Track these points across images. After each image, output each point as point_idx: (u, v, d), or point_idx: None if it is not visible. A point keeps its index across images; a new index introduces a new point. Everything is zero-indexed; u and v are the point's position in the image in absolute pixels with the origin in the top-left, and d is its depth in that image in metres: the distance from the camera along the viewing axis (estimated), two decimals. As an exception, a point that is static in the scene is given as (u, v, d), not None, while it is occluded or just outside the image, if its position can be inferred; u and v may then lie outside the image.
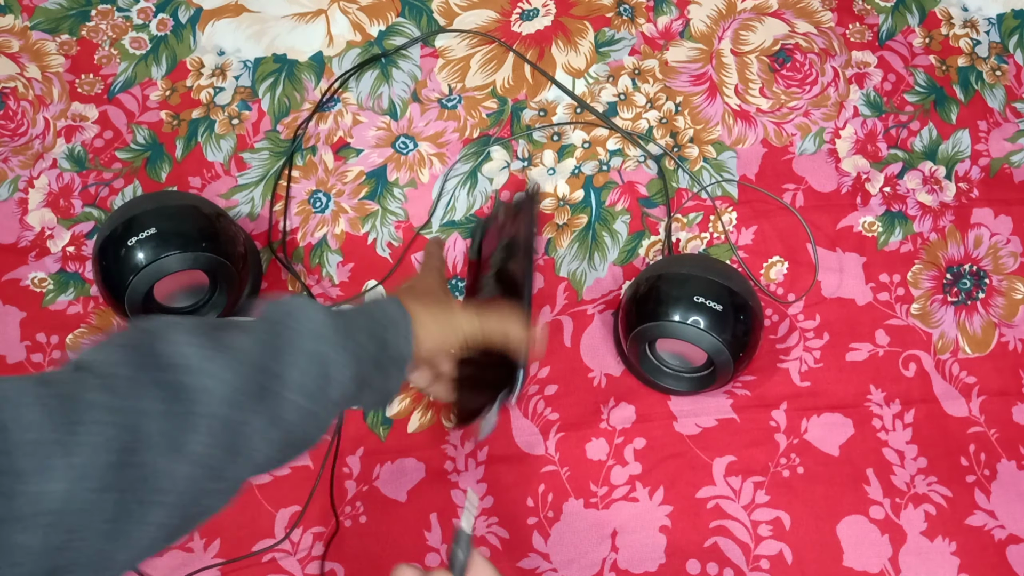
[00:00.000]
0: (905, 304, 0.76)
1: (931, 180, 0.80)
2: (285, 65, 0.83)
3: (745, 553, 0.68)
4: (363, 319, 0.49)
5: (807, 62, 0.83)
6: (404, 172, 0.79)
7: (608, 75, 0.83)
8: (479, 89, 0.82)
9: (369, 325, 0.48)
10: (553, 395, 0.72)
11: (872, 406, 0.72)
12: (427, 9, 0.85)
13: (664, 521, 0.69)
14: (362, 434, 0.71)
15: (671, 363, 0.69)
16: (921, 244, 0.78)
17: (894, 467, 0.70)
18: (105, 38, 0.84)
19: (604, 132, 0.80)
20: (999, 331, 0.75)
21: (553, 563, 0.68)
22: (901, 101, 0.82)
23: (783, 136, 0.81)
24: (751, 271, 0.76)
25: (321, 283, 0.75)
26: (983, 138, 0.81)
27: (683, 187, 0.79)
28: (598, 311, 0.75)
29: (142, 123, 0.80)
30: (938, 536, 0.69)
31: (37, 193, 0.78)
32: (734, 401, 0.72)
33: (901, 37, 0.85)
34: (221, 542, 0.68)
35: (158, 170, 0.79)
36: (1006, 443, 0.71)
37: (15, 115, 0.81)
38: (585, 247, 0.77)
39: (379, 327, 0.49)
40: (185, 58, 0.83)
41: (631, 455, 0.70)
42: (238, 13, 0.85)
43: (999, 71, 0.84)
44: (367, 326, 0.48)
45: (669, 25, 0.85)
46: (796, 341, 0.74)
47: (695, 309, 0.64)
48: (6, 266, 0.75)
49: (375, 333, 0.48)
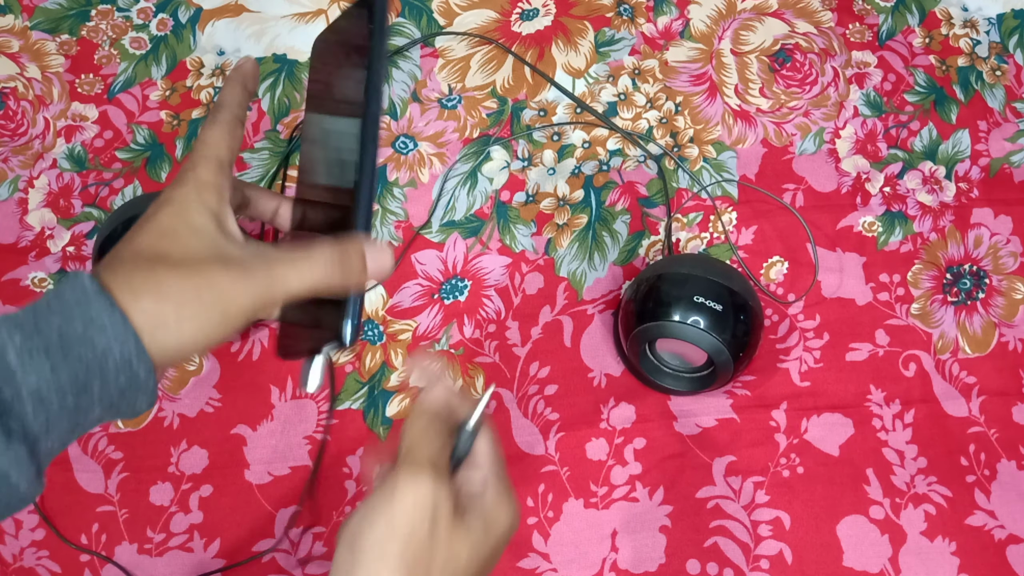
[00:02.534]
0: (905, 304, 0.76)
1: (931, 180, 0.80)
2: (285, 65, 0.83)
3: (745, 553, 0.68)
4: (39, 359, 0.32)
5: (807, 62, 0.83)
6: (404, 172, 0.79)
7: (608, 75, 0.83)
8: (479, 89, 0.82)
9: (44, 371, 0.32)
10: (553, 395, 0.72)
11: (872, 406, 0.72)
12: (427, 9, 0.85)
13: (664, 521, 0.69)
14: (362, 434, 0.71)
15: (671, 363, 0.69)
16: (921, 244, 0.78)
17: (894, 467, 0.71)
18: (105, 38, 0.84)
19: (604, 132, 0.80)
20: (999, 331, 0.75)
21: (553, 563, 0.68)
22: (901, 101, 0.82)
23: (783, 136, 0.81)
24: (751, 271, 0.76)
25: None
26: (983, 138, 0.81)
27: (683, 187, 0.79)
28: (598, 311, 0.75)
29: (142, 123, 0.80)
30: (938, 536, 0.69)
31: (37, 193, 0.78)
32: (734, 401, 0.72)
33: (901, 37, 0.85)
34: (221, 542, 0.68)
35: (158, 170, 0.79)
36: (1006, 443, 0.71)
37: (15, 115, 0.81)
38: (585, 247, 0.77)
39: (60, 360, 0.32)
40: (185, 58, 0.83)
41: (631, 455, 0.70)
42: (238, 13, 0.85)
43: (999, 71, 0.84)
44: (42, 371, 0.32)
45: (669, 25, 0.85)
46: (796, 341, 0.74)
47: (695, 309, 0.64)
48: (6, 266, 0.75)
49: (60, 382, 0.32)
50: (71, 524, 0.69)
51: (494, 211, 0.78)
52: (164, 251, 0.36)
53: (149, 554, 0.68)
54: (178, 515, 0.69)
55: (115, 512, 0.69)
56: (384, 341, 0.74)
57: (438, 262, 0.76)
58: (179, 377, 0.72)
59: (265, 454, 0.70)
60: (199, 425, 0.71)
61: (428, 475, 0.39)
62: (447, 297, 0.75)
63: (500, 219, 0.77)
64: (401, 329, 0.74)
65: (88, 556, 0.68)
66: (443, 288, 0.75)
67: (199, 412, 0.71)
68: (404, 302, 0.75)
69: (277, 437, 0.71)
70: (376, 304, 0.75)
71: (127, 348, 0.33)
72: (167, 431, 0.71)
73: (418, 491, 0.38)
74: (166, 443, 0.71)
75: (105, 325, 0.33)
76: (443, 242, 0.77)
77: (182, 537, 0.68)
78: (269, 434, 0.71)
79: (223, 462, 0.70)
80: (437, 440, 0.41)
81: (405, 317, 0.74)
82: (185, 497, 0.69)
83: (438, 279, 0.76)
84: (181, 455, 0.70)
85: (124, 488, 0.69)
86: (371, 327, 0.74)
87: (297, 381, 0.72)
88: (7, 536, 0.68)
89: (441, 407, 0.43)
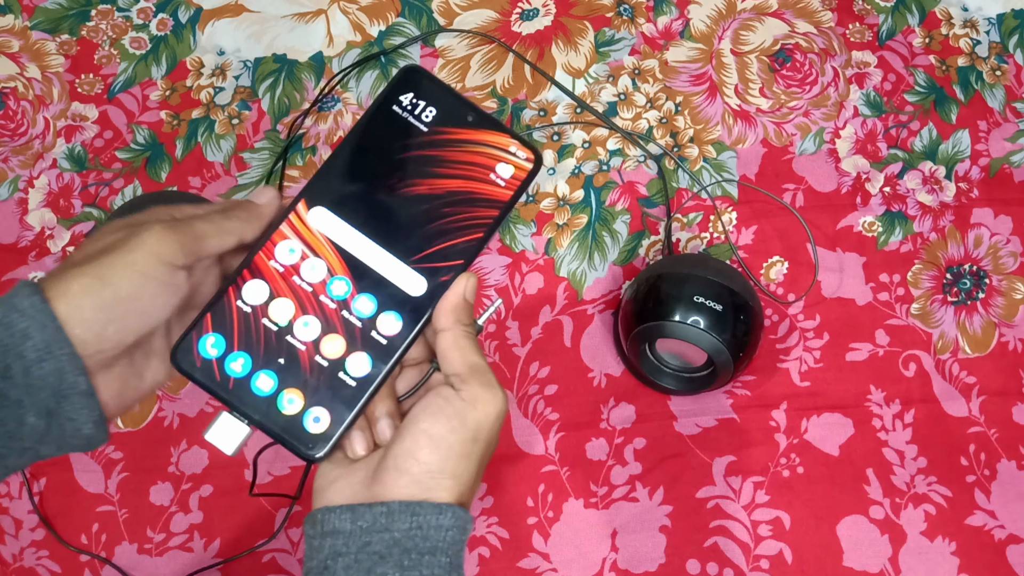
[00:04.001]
0: (905, 304, 0.76)
1: (931, 180, 0.80)
2: (285, 65, 0.83)
3: (745, 553, 0.68)
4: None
5: (807, 62, 0.83)
6: (404, 172, 0.79)
7: (608, 75, 0.83)
8: (479, 89, 0.82)
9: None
10: (553, 395, 0.72)
11: (872, 406, 0.72)
12: (427, 9, 0.85)
13: (664, 521, 0.69)
14: (362, 434, 0.71)
15: (671, 363, 0.69)
16: (921, 244, 0.78)
17: (894, 467, 0.71)
18: (105, 38, 0.84)
19: (604, 132, 0.80)
20: (999, 331, 0.75)
21: (553, 563, 0.68)
22: (901, 101, 0.82)
23: (783, 136, 0.81)
24: (751, 271, 0.76)
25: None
26: (983, 138, 0.81)
27: (683, 187, 0.79)
28: (598, 311, 0.75)
29: (142, 123, 0.80)
30: (938, 536, 0.69)
31: (37, 193, 0.78)
32: (734, 401, 0.72)
33: (901, 37, 0.85)
34: (221, 542, 0.68)
35: (158, 170, 0.79)
36: (1006, 443, 0.71)
37: (15, 115, 0.81)
38: (585, 247, 0.77)
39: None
40: (185, 58, 0.83)
41: (631, 455, 0.70)
42: (238, 13, 0.85)
43: (999, 71, 0.84)
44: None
45: (669, 25, 0.85)
46: (796, 341, 0.74)
47: (695, 309, 0.64)
48: (6, 266, 0.75)
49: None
50: (71, 524, 0.69)
51: (494, 211, 0.78)
52: (97, 253, 0.36)
53: (149, 554, 0.68)
54: (178, 515, 0.69)
55: (115, 512, 0.69)
56: (384, 341, 0.74)
57: (438, 262, 0.76)
58: (180, 377, 0.72)
59: (265, 454, 0.70)
60: (199, 425, 0.71)
61: (501, 391, 0.40)
62: (447, 297, 0.75)
63: (500, 219, 0.77)
64: (401, 329, 0.74)
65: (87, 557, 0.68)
66: (443, 288, 0.75)
67: (199, 412, 0.71)
68: (404, 302, 0.75)
69: (277, 437, 0.71)
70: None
71: (47, 333, 0.33)
72: (167, 431, 0.71)
73: (497, 405, 0.40)
74: (166, 443, 0.71)
75: (25, 308, 0.33)
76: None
77: (182, 537, 0.68)
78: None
79: (223, 462, 0.70)
80: (479, 351, 0.42)
81: (405, 317, 0.74)
82: (185, 497, 0.69)
83: (438, 279, 0.76)
84: (181, 455, 0.70)
85: (124, 488, 0.69)
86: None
87: None
88: (7, 536, 0.69)
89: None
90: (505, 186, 0.41)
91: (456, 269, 0.41)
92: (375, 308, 0.40)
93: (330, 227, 0.41)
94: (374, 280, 0.40)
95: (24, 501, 0.69)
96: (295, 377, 0.39)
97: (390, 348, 0.40)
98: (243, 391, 0.39)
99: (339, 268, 0.41)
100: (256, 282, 0.40)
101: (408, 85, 0.42)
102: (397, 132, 0.42)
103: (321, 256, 0.41)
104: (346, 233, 0.41)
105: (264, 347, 0.39)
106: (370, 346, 0.40)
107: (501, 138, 0.42)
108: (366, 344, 0.40)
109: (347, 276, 0.40)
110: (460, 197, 0.41)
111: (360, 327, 0.40)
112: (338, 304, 0.40)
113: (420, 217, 0.41)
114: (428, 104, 0.42)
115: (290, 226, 0.41)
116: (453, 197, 0.41)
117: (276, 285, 0.40)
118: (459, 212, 0.41)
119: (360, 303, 0.40)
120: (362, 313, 0.40)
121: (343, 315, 0.40)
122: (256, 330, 0.40)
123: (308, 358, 0.40)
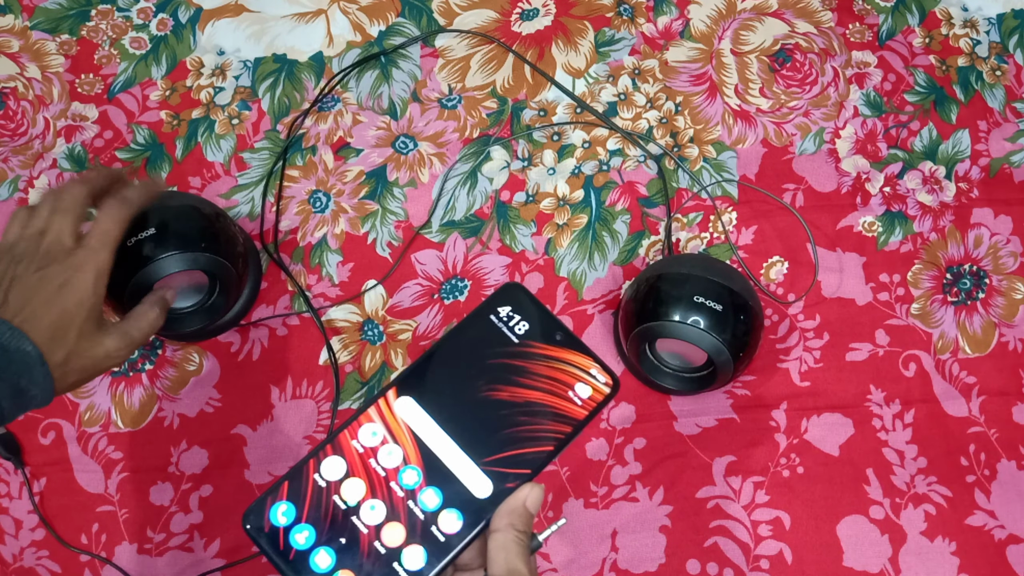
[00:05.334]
0: (905, 304, 0.76)
1: (931, 180, 0.80)
2: (285, 65, 0.83)
3: (745, 553, 0.68)
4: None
5: (807, 62, 0.83)
6: (404, 172, 0.79)
7: (608, 75, 0.83)
8: (479, 89, 0.82)
9: None
10: (553, 395, 0.72)
11: (872, 406, 0.72)
12: (427, 9, 0.85)
13: (664, 521, 0.69)
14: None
15: (671, 363, 0.69)
16: (921, 244, 0.78)
17: (894, 467, 0.71)
18: (105, 38, 0.84)
19: (604, 132, 0.80)
20: (999, 331, 0.75)
21: (553, 563, 0.68)
22: (901, 101, 0.82)
23: (783, 136, 0.81)
24: (751, 271, 0.76)
25: (321, 283, 0.75)
26: (983, 138, 0.81)
27: (683, 187, 0.79)
28: (598, 311, 0.75)
29: (142, 123, 0.80)
30: (938, 536, 0.69)
31: (37, 193, 0.78)
32: (734, 401, 0.72)
33: (901, 37, 0.85)
34: (221, 542, 0.68)
35: (158, 170, 0.79)
36: (1006, 443, 0.72)
37: (15, 115, 0.81)
38: (585, 247, 0.77)
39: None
40: (185, 58, 0.83)
41: (631, 455, 0.70)
42: (238, 13, 0.85)
43: (999, 71, 0.84)
44: None
45: (669, 25, 0.85)
46: (796, 341, 0.74)
47: (695, 309, 0.64)
48: (6, 266, 0.75)
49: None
50: (71, 524, 0.69)
51: (494, 211, 0.78)
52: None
53: (149, 554, 0.68)
54: (178, 515, 0.69)
55: (115, 512, 0.69)
56: (384, 341, 0.74)
57: (438, 262, 0.76)
58: (179, 377, 0.72)
59: (265, 454, 0.70)
60: (199, 425, 0.71)
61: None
62: (447, 297, 0.75)
63: (500, 219, 0.77)
64: (401, 329, 0.74)
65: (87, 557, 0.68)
66: (443, 288, 0.75)
67: (199, 412, 0.71)
68: (404, 302, 0.75)
69: (277, 437, 0.71)
70: (376, 304, 0.75)
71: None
72: (167, 431, 0.71)
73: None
74: (166, 443, 0.71)
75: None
76: (443, 242, 0.77)
77: (182, 537, 0.68)
78: (269, 434, 0.71)
79: (223, 462, 0.70)
80: (526, 559, 0.42)
81: (405, 317, 0.74)
82: (185, 497, 0.69)
83: (438, 279, 0.76)
84: (181, 455, 0.70)
85: (124, 488, 0.69)
86: (371, 327, 0.74)
87: (298, 381, 0.72)
88: (7, 536, 0.69)
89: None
90: (582, 405, 0.43)
91: (522, 478, 0.42)
92: (440, 503, 0.41)
93: (413, 417, 0.43)
94: (444, 475, 0.42)
95: (24, 501, 0.69)
96: (352, 559, 0.40)
97: (446, 546, 0.40)
98: (301, 565, 0.39)
99: (414, 458, 0.42)
100: (335, 459, 0.41)
101: (508, 298, 0.45)
102: (491, 339, 0.44)
103: (400, 443, 0.42)
104: (427, 426, 0.42)
105: (330, 524, 0.40)
106: (428, 541, 0.40)
107: (585, 360, 0.44)
108: (425, 538, 0.40)
109: (420, 467, 0.42)
110: (538, 409, 0.43)
111: (422, 520, 0.41)
112: (406, 493, 0.41)
113: (498, 421, 0.43)
114: (523, 318, 0.45)
115: (377, 410, 0.43)
116: (531, 408, 0.43)
117: (353, 465, 0.42)
118: (534, 423, 0.43)
119: (427, 496, 0.41)
120: (427, 506, 0.41)
121: (408, 505, 0.41)
122: (326, 506, 0.41)
123: (367, 542, 0.40)
